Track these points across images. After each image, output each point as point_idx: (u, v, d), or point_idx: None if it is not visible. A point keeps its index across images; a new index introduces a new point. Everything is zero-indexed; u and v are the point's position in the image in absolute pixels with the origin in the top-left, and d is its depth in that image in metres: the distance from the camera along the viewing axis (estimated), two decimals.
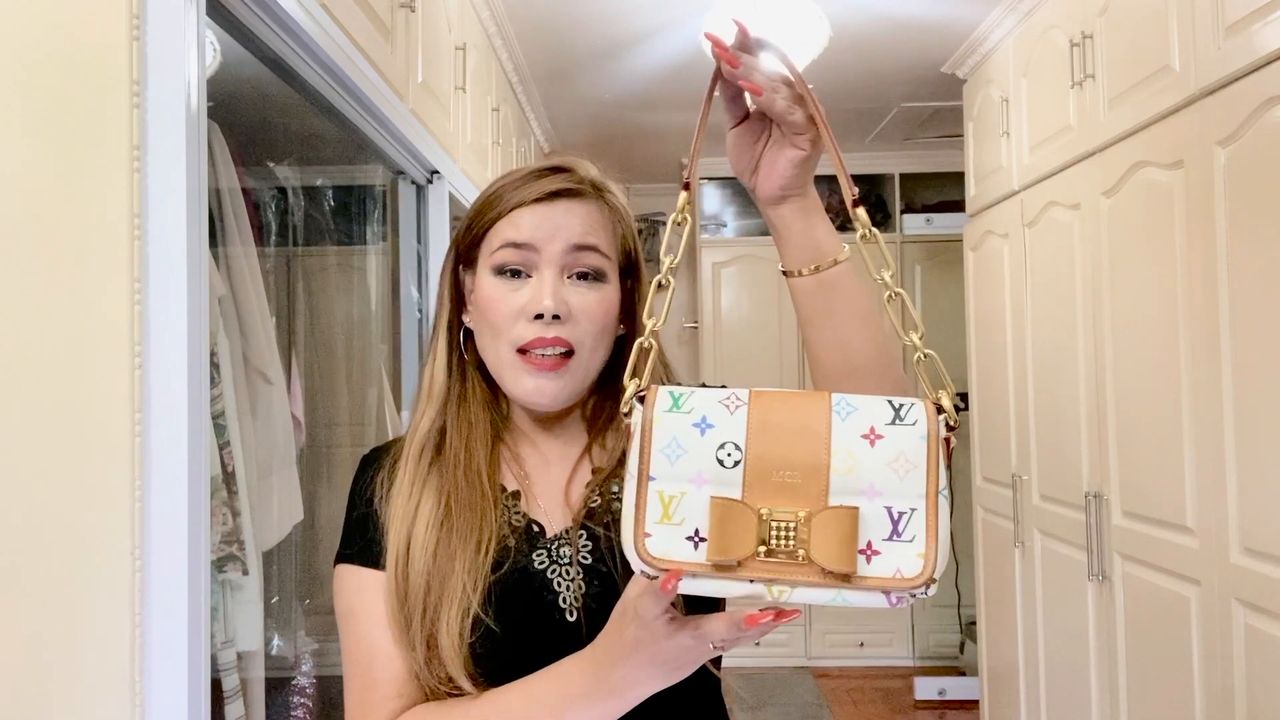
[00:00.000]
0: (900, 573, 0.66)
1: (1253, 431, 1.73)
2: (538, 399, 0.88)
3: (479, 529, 0.86)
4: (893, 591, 0.66)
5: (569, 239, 0.88)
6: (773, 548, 0.66)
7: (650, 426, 0.70)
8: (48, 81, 0.97)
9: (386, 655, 0.86)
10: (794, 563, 0.65)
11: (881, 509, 0.66)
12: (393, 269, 2.28)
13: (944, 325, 4.29)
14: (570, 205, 0.90)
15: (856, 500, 0.66)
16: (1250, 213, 1.73)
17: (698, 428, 0.69)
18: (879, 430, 0.67)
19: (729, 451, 0.68)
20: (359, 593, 0.88)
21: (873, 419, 0.68)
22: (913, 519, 0.66)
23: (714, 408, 0.70)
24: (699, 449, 0.69)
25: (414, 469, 0.90)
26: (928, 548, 0.66)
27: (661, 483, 0.69)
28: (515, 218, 0.89)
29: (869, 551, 0.66)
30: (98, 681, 0.96)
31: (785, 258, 0.84)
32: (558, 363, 0.87)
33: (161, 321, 1.00)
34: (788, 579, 0.66)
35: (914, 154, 4.46)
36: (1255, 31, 1.69)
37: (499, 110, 2.94)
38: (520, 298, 0.88)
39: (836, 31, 2.73)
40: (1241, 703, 1.78)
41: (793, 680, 4.27)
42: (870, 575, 0.65)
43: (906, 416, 0.68)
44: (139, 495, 0.99)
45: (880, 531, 0.66)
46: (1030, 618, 2.81)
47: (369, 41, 1.65)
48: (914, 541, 0.66)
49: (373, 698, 0.86)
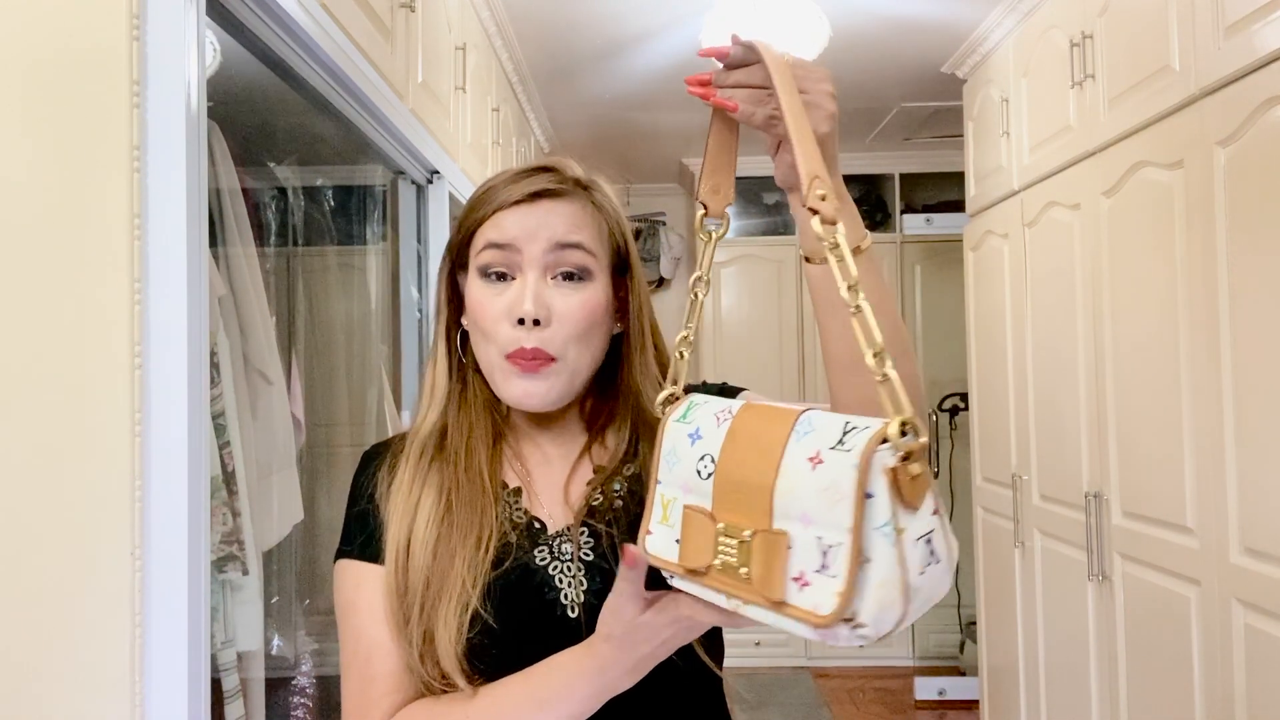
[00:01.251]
0: (816, 608, 0.61)
1: (1253, 431, 1.73)
2: (526, 401, 0.89)
3: (479, 525, 0.87)
4: (817, 627, 0.62)
5: (551, 238, 0.88)
6: (725, 562, 0.66)
7: (662, 433, 0.75)
8: (48, 81, 0.97)
9: (385, 651, 0.86)
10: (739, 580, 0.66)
11: (814, 538, 0.62)
12: (393, 269, 2.28)
13: (944, 325, 4.29)
14: (553, 205, 0.89)
15: (793, 525, 0.63)
16: (1250, 213, 1.73)
17: (690, 438, 0.72)
18: (822, 455, 0.63)
19: (705, 464, 0.70)
20: (358, 588, 0.89)
21: (821, 442, 0.63)
22: (839, 553, 0.61)
23: (708, 420, 0.72)
24: (688, 458, 0.72)
25: (415, 466, 0.90)
26: (845, 586, 0.60)
27: (664, 486, 0.73)
28: (498, 219, 0.89)
29: (801, 581, 0.63)
30: (98, 681, 0.96)
31: (803, 242, 0.83)
32: (541, 365, 0.87)
33: (161, 321, 1.00)
34: (738, 593, 0.66)
35: (914, 154, 4.46)
36: (1255, 31, 1.69)
37: (499, 110, 2.95)
38: (504, 301, 0.88)
39: (836, 31, 2.73)
40: (1241, 703, 1.78)
41: (793, 680, 4.27)
42: (797, 606, 0.62)
43: (848, 441, 0.62)
44: (139, 495, 0.99)
45: (812, 562, 0.62)
46: (1030, 618, 2.81)
47: (369, 41, 1.65)
48: (836, 579, 0.61)
49: (370, 693, 0.86)
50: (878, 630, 0.61)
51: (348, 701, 0.88)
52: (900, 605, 0.60)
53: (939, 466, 4.24)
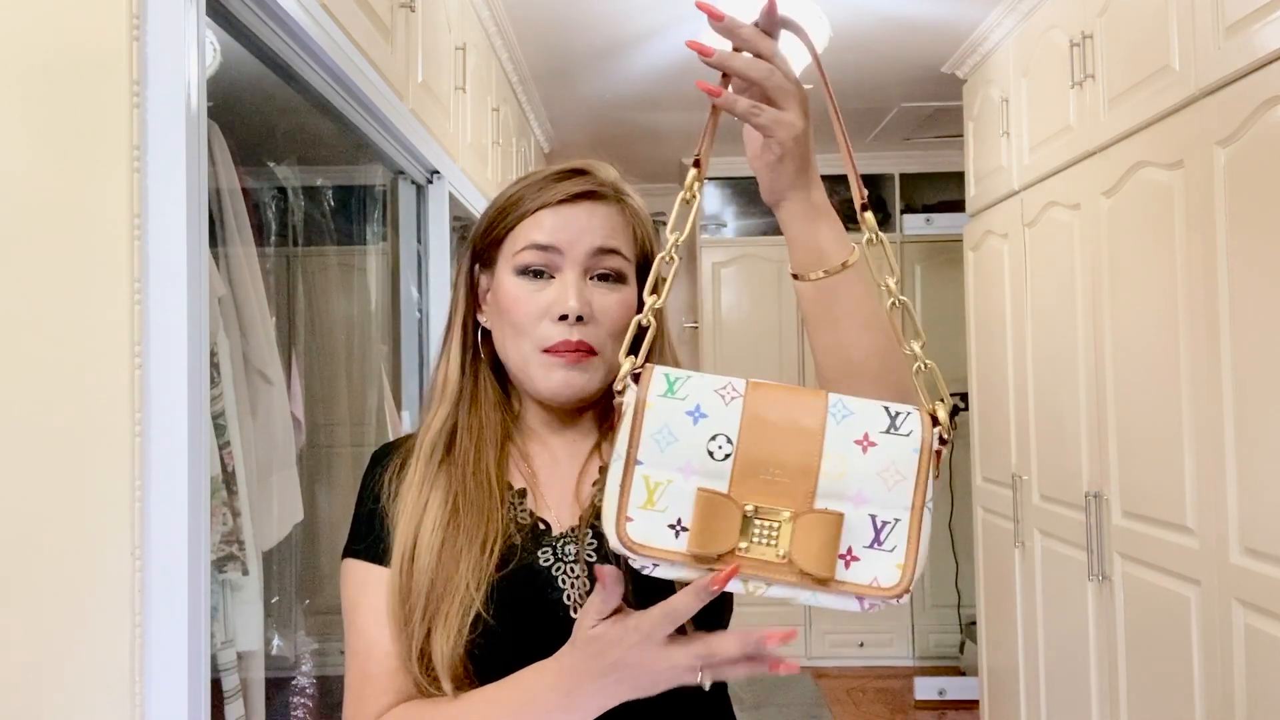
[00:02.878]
0: (878, 581, 0.66)
1: (1253, 431, 1.73)
2: (566, 392, 0.89)
3: (485, 529, 0.87)
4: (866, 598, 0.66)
5: (592, 242, 0.90)
6: (754, 544, 0.66)
7: (643, 409, 0.69)
8: (48, 81, 0.97)
9: (383, 651, 0.87)
10: (773, 561, 0.66)
11: (866, 516, 0.66)
12: (393, 269, 2.28)
13: (944, 325, 4.29)
14: (593, 208, 0.91)
15: (842, 505, 0.66)
16: (1250, 213, 1.73)
17: (690, 416, 0.69)
18: (873, 438, 0.67)
19: (720, 444, 0.68)
20: (363, 588, 0.89)
21: (867, 425, 0.67)
22: (895, 529, 0.66)
23: (709, 397, 0.69)
24: (690, 438, 0.68)
25: (424, 468, 0.91)
26: (907, 559, 0.66)
27: (649, 468, 0.69)
28: (539, 219, 0.90)
29: (848, 557, 0.66)
30: (98, 681, 0.96)
31: (793, 259, 0.84)
32: (582, 357, 0.88)
33: (161, 321, 1.01)
34: (764, 575, 0.66)
35: (914, 154, 4.46)
36: (1255, 31, 1.69)
37: (499, 110, 2.94)
38: (545, 298, 0.89)
39: (836, 31, 2.73)
40: (1241, 703, 1.78)
41: (793, 680, 4.27)
42: (847, 580, 0.66)
43: (901, 426, 0.67)
44: (139, 495, 0.99)
45: (863, 539, 0.66)
46: (1030, 618, 2.81)
47: (369, 41, 1.65)
48: (894, 552, 0.66)
49: (366, 692, 0.87)
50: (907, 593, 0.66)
51: (347, 697, 0.89)
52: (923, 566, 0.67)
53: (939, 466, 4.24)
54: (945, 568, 4.30)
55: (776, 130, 0.78)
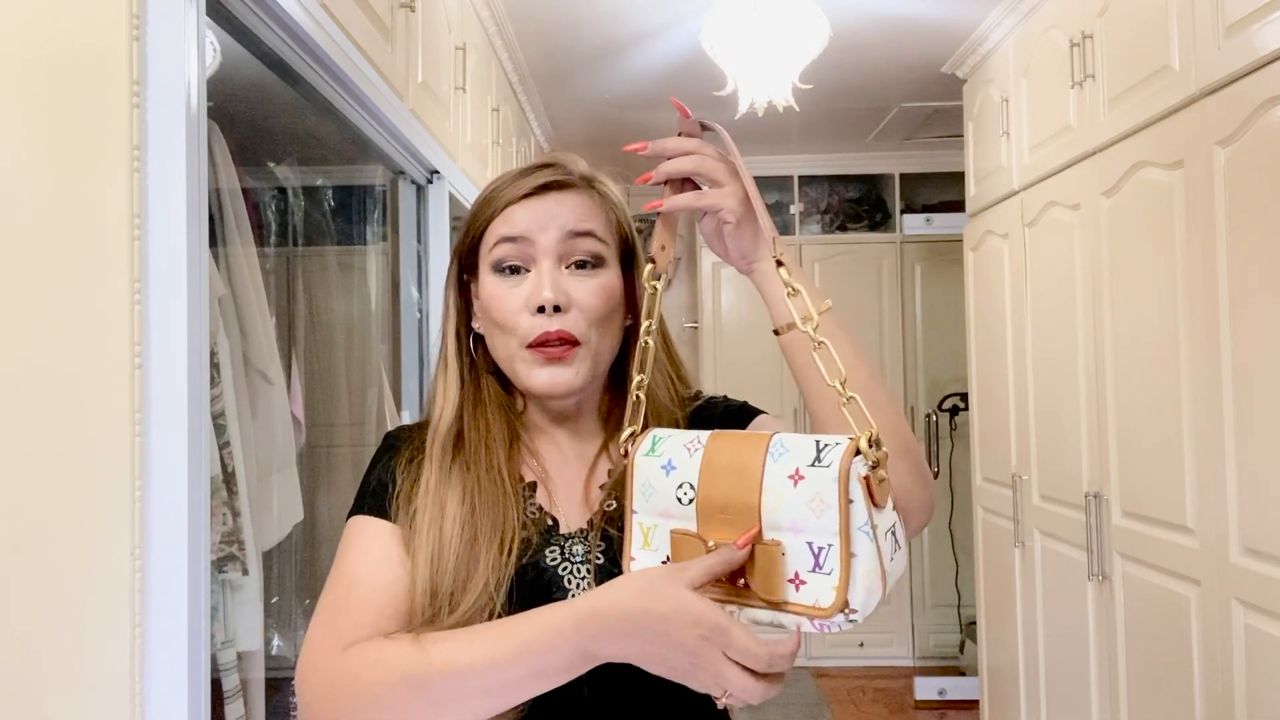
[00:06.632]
0: (818, 602, 0.71)
1: (1253, 431, 1.73)
2: (552, 388, 0.89)
3: (503, 528, 0.87)
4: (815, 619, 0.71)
5: (563, 226, 0.90)
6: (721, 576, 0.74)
7: (632, 468, 0.81)
8: (48, 81, 0.97)
9: (369, 587, 0.85)
10: (739, 588, 0.74)
11: (804, 544, 0.72)
12: (393, 269, 2.28)
13: (944, 325, 4.29)
14: (561, 196, 0.92)
15: (783, 535, 0.73)
16: (1250, 213, 1.73)
17: (664, 469, 0.79)
18: (802, 471, 0.73)
19: (685, 491, 0.77)
20: (359, 534, 0.89)
21: (798, 460, 0.73)
22: (830, 554, 0.71)
23: (679, 451, 0.79)
24: (665, 488, 0.79)
25: (438, 471, 0.90)
26: (840, 580, 0.70)
27: (641, 515, 0.80)
28: (508, 214, 0.91)
29: (797, 581, 0.72)
30: (98, 681, 0.96)
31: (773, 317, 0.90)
32: (565, 351, 0.88)
33: (161, 321, 1.00)
34: (737, 601, 0.74)
35: (914, 154, 4.46)
36: (1255, 31, 1.69)
37: (499, 110, 2.94)
38: (521, 292, 0.89)
39: (836, 31, 2.73)
40: (1241, 703, 1.78)
41: (793, 680, 4.27)
42: (796, 603, 0.72)
43: (824, 458, 0.72)
44: (139, 495, 0.99)
45: (805, 564, 0.72)
46: (1030, 618, 2.81)
47: (369, 41, 1.65)
48: (832, 575, 0.71)
49: (341, 622, 0.83)
50: (865, 612, 0.71)
51: (314, 622, 0.85)
52: (880, 589, 0.71)
53: (939, 466, 4.24)
54: (945, 568, 4.30)
55: (724, 201, 0.86)
